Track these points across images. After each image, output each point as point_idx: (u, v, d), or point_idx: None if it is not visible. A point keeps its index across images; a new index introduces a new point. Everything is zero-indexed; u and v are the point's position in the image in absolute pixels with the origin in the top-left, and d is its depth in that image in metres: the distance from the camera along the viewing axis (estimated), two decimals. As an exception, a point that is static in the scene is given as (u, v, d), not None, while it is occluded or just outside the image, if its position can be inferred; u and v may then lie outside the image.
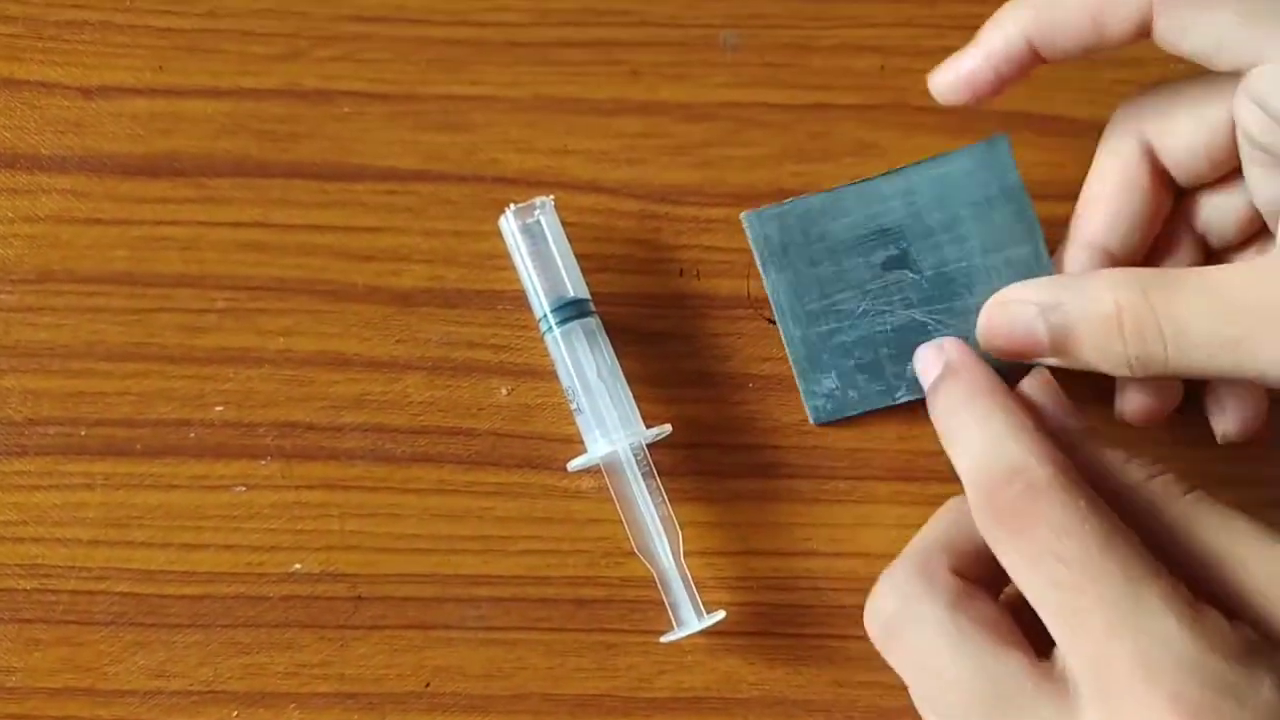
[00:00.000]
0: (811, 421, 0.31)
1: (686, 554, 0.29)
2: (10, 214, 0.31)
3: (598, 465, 0.29)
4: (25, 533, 0.30)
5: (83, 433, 0.30)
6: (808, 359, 0.30)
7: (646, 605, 0.30)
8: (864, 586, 0.26)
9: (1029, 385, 0.27)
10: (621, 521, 0.29)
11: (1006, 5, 0.28)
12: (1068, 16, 0.27)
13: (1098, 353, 0.26)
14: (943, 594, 0.24)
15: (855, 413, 0.30)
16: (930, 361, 0.28)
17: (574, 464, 0.29)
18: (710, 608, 0.29)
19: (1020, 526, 0.24)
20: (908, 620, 0.25)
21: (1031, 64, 0.28)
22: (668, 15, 0.33)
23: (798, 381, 0.31)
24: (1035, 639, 0.24)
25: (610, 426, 0.29)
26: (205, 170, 0.31)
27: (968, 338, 0.29)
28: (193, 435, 0.30)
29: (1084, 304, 0.26)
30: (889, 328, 0.30)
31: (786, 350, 0.31)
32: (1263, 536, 0.24)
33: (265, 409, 0.30)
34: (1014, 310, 0.27)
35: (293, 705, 0.29)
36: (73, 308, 0.31)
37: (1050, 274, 0.29)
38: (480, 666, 0.30)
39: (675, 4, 0.33)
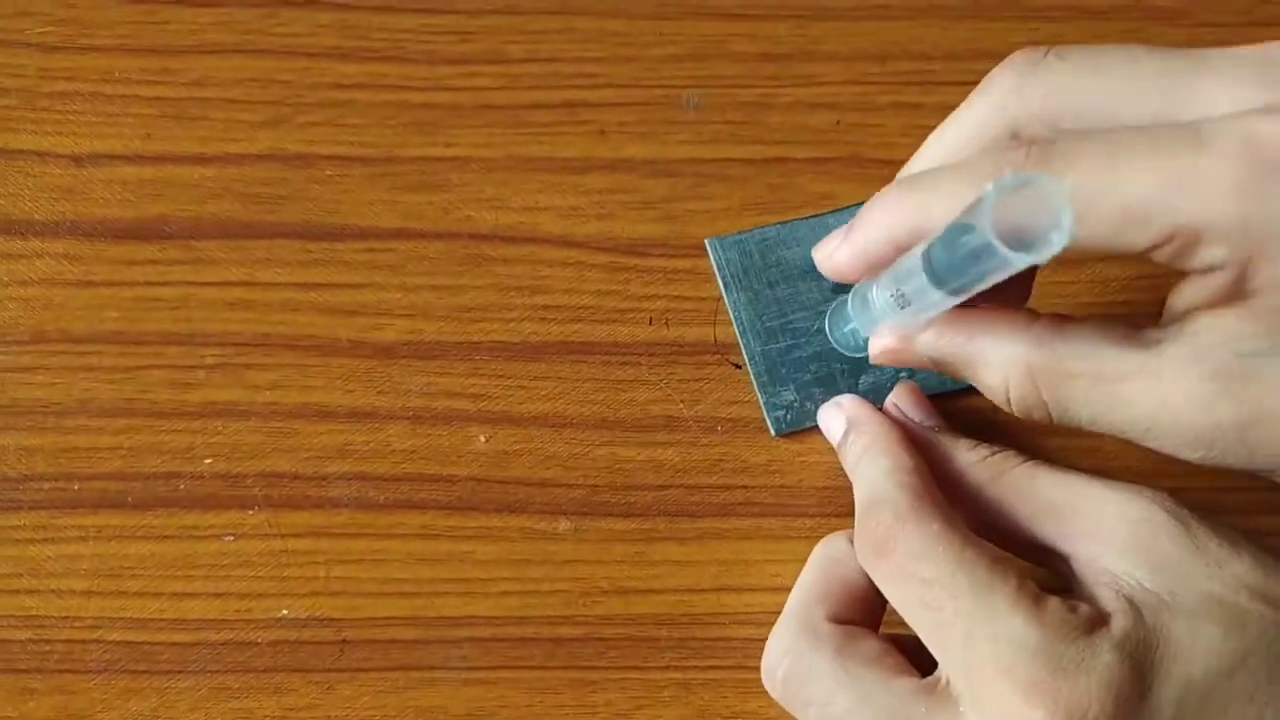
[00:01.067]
0: (773, 433, 0.32)
1: (658, 592, 0.31)
2: (5, 277, 0.33)
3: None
4: (20, 585, 0.31)
5: (76, 487, 0.31)
6: (768, 373, 0.32)
7: (623, 642, 0.31)
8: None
9: (897, 393, 0.31)
10: (596, 562, 0.31)
11: (889, 191, 0.27)
12: (935, 224, 0.25)
13: (987, 394, 0.27)
14: (826, 643, 0.27)
15: (812, 424, 0.32)
16: (832, 419, 0.31)
17: None
18: (683, 643, 0.31)
19: (885, 553, 0.26)
20: (801, 675, 0.27)
21: (909, 247, 0.27)
22: (632, 77, 0.34)
23: (759, 395, 0.32)
24: (920, 658, 0.26)
25: None
26: (193, 233, 0.33)
27: None
28: (183, 487, 0.31)
29: (975, 371, 0.26)
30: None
31: (748, 366, 0.32)
32: (1092, 483, 0.27)
33: (252, 460, 0.32)
34: (906, 357, 0.28)
35: (282, 748, 0.30)
36: (66, 367, 0.32)
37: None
38: (463, 705, 0.31)
39: (639, 66, 0.35)
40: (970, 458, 0.28)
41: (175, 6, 0.34)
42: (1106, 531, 0.26)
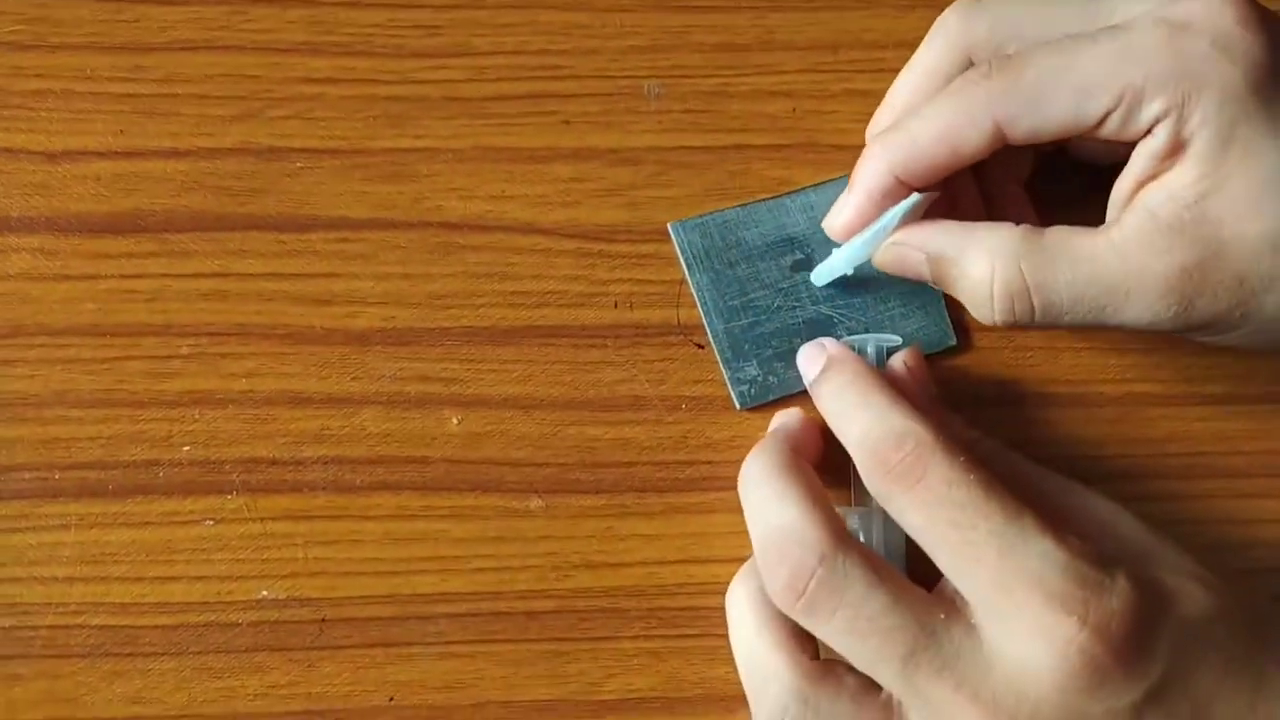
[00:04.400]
0: (737, 407, 0.33)
1: (628, 566, 0.32)
2: (-18, 273, 0.33)
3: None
4: (4, 574, 0.32)
5: (57, 476, 0.32)
6: (731, 349, 0.33)
7: (594, 614, 0.32)
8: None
9: (908, 354, 0.32)
10: (567, 537, 0.32)
11: (871, 145, 0.31)
12: (924, 150, 0.30)
13: (970, 303, 0.30)
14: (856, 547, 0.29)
15: (775, 397, 0.33)
16: (812, 357, 0.32)
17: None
18: (652, 613, 0.32)
19: (915, 481, 0.27)
20: (836, 584, 0.28)
21: (904, 191, 0.31)
22: (596, 68, 0.35)
23: (723, 371, 0.33)
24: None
25: None
26: (167, 226, 0.34)
27: (867, 328, 0.34)
28: (162, 475, 0.32)
29: (963, 264, 0.30)
30: (800, 321, 0.34)
31: (712, 344, 0.33)
32: (1071, 482, 0.30)
33: (230, 447, 0.32)
34: (905, 253, 0.31)
35: (265, 724, 0.31)
36: (44, 359, 0.33)
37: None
38: (440, 679, 0.32)
39: (602, 57, 0.36)
40: (970, 434, 0.31)
41: (145, 4, 0.35)
42: (1084, 521, 0.29)
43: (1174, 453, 0.34)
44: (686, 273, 0.34)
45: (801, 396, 0.33)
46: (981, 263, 0.29)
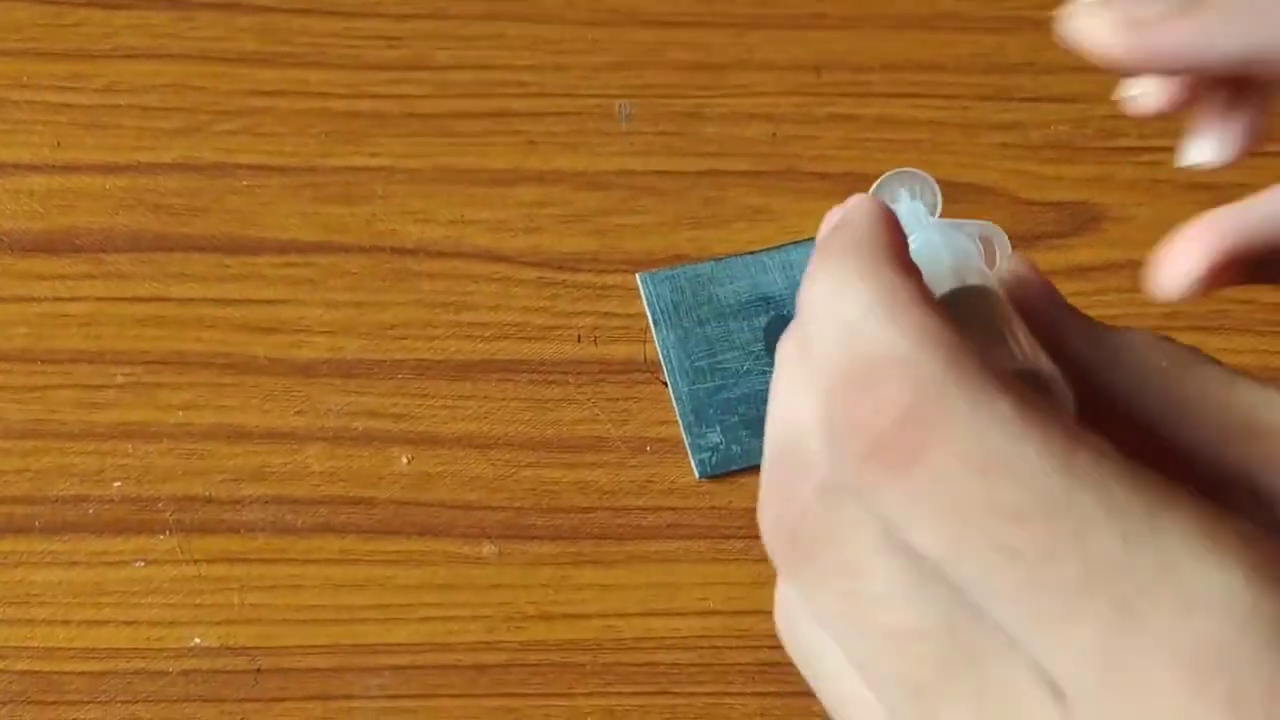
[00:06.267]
0: (697, 476, 0.32)
1: (584, 617, 0.30)
2: (-94, 292, 0.31)
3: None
4: (-79, 613, 0.30)
5: (-20, 511, 0.30)
6: (694, 413, 0.31)
7: (547, 669, 0.30)
8: (761, 644, 0.27)
9: (1016, 260, 0.19)
10: (521, 586, 0.30)
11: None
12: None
13: None
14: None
15: (738, 467, 0.31)
16: (828, 221, 0.18)
17: None
18: (609, 669, 0.30)
19: (905, 462, 0.14)
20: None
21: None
22: (564, 86, 0.34)
23: (684, 436, 0.31)
24: None
25: None
26: (103, 246, 0.32)
27: None
28: (91, 511, 0.30)
29: None
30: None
31: (674, 405, 0.31)
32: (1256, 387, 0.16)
33: (164, 483, 0.31)
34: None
35: (194, 780, 0.29)
36: (-31, 386, 0.31)
37: None
38: (382, 735, 0.30)
39: (572, 75, 0.34)
40: (1142, 340, 0.17)
41: (88, 8, 0.33)
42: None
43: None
44: (653, 328, 0.32)
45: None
46: None
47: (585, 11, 0.34)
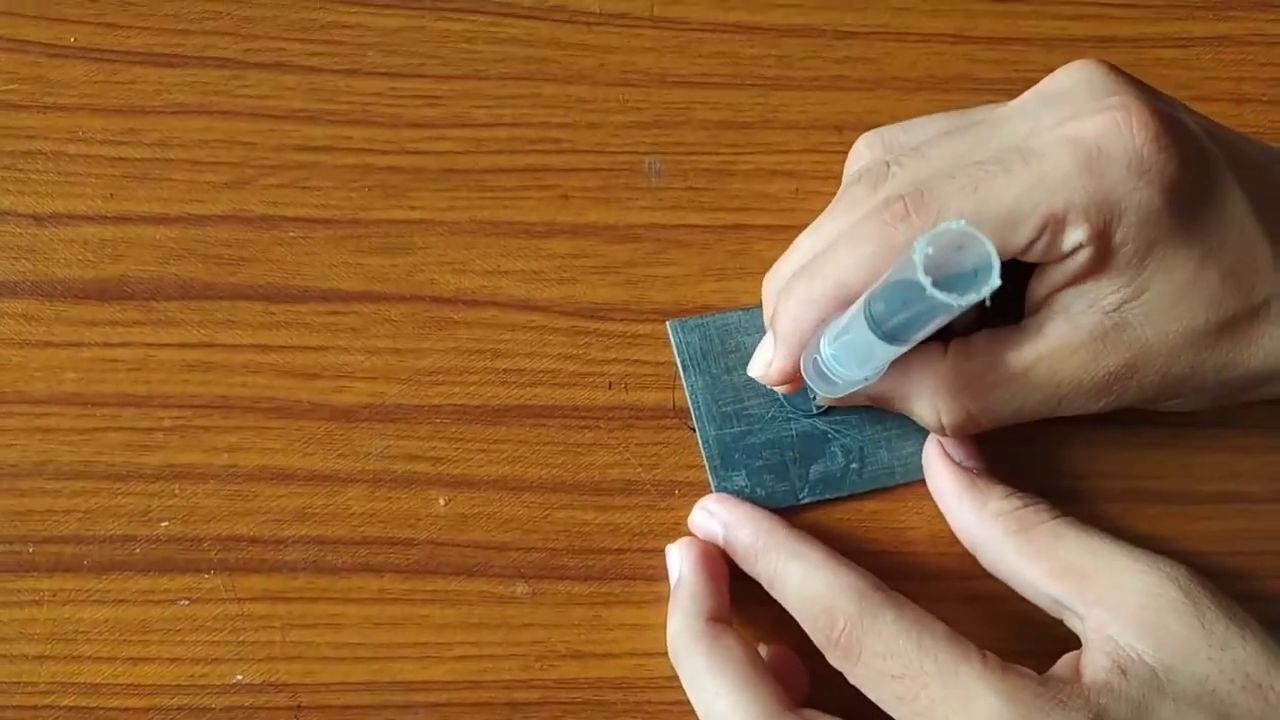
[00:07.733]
0: None
1: (615, 656, 0.31)
2: (-37, 337, 0.32)
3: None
4: (-29, 650, 0.31)
5: (31, 550, 0.31)
6: (720, 457, 0.32)
7: (579, 707, 0.31)
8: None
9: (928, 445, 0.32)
10: (554, 625, 0.31)
11: (794, 293, 0.29)
12: (854, 296, 0.28)
13: (921, 423, 0.31)
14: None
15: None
16: (707, 523, 0.32)
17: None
18: (640, 707, 0.31)
19: (853, 657, 0.27)
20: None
21: None
22: (595, 143, 0.35)
23: (710, 479, 0.32)
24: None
25: None
26: (153, 294, 0.33)
27: (863, 449, 0.33)
28: (138, 551, 0.31)
29: (908, 406, 0.30)
30: (794, 433, 0.33)
31: (701, 449, 0.33)
32: (1114, 550, 0.28)
33: (209, 524, 0.32)
34: (851, 398, 0.31)
35: (234, 815, 0.30)
36: (23, 428, 0.32)
37: None
38: (419, 771, 0.31)
39: (602, 132, 0.35)
40: (1003, 506, 0.30)
41: (141, 66, 0.35)
42: (1118, 601, 0.27)
43: (1175, 550, 0.33)
44: (681, 374, 0.33)
45: (788, 512, 0.32)
46: (924, 404, 0.30)
47: (616, 73, 0.36)
